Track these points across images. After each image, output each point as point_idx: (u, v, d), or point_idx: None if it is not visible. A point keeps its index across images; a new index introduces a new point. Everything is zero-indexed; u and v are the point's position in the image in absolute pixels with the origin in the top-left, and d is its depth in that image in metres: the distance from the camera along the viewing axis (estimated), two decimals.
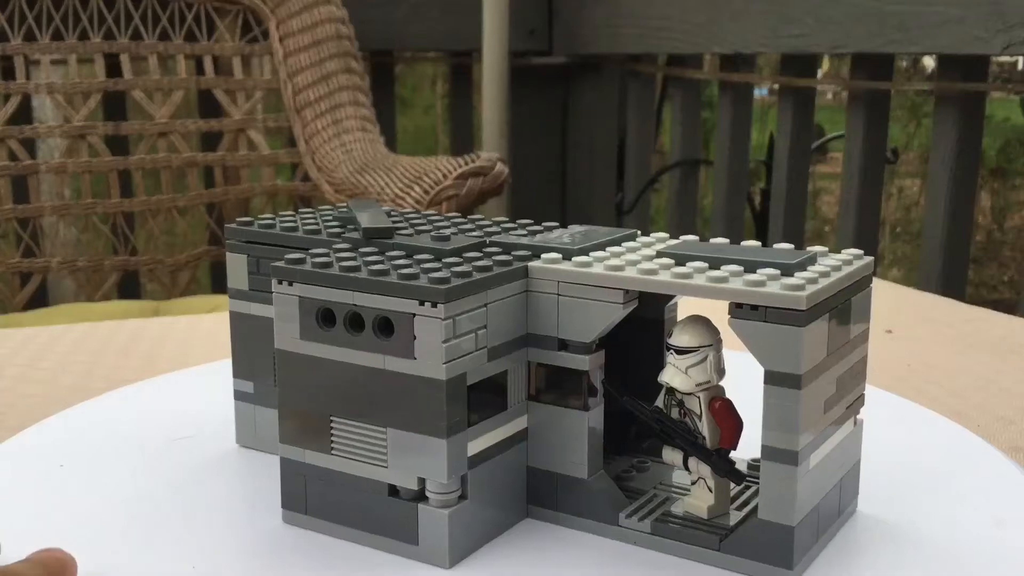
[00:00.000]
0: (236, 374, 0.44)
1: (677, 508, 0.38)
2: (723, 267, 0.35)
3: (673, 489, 0.40)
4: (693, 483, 0.37)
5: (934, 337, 0.68)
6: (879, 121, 1.35)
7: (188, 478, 0.42)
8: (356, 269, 0.35)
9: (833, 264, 0.36)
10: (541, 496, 0.37)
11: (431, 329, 0.34)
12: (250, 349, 0.43)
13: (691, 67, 1.65)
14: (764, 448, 0.34)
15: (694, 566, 0.35)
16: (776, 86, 1.55)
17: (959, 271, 1.26)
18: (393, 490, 0.36)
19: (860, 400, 0.38)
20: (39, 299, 1.34)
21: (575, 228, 0.43)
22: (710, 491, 0.37)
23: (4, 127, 1.27)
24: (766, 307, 0.33)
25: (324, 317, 0.35)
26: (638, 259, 0.37)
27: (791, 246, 0.39)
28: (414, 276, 0.34)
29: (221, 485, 0.42)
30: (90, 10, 1.31)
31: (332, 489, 0.36)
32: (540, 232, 0.42)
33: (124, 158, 1.32)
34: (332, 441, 0.36)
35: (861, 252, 0.38)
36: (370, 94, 1.42)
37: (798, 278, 0.34)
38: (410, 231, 0.41)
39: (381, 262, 0.36)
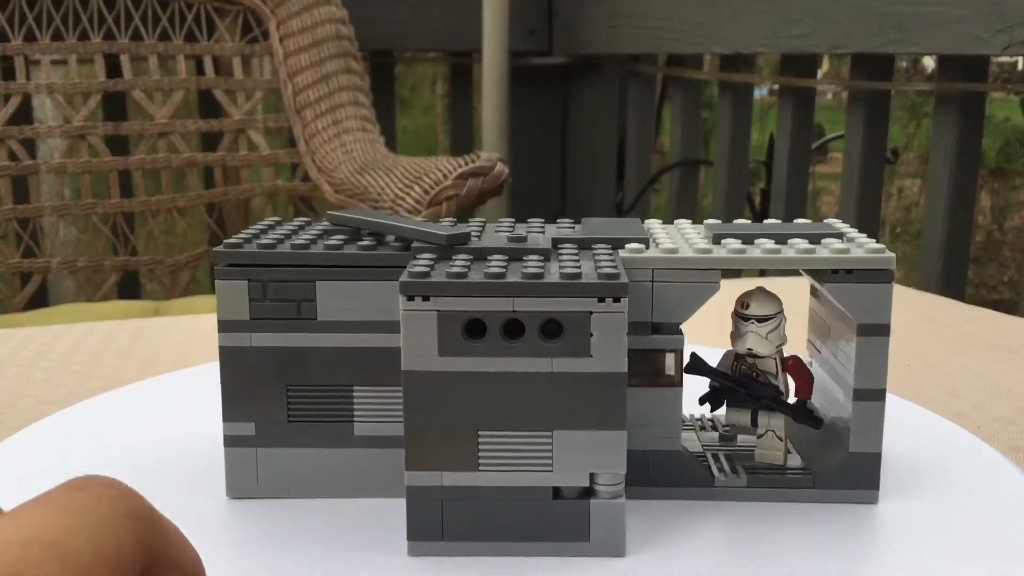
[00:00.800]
0: (229, 418, 0.39)
1: (750, 461, 0.41)
2: (791, 241, 0.39)
3: (723, 449, 0.43)
4: (760, 436, 0.41)
5: (934, 337, 0.68)
6: (879, 121, 1.35)
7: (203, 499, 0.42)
8: (504, 275, 0.34)
9: (858, 233, 0.41)
10: (635, 476, 0.38)
11: (612, 324, 0.34)
12: (251, 387, 0.39)
13: (691, 67, 1.65)
14: (857, 391, 0.39)
15: (793, 506, 0.39)
16: (776, 86, 1.55)
17: (959, 271, 1.26)
18: (556, 492, 0.35)
19: None
20: (39, 299, 1.34)
21: (590, 221, 0.43)
22: (780, 440, 0.41)
23: (4, 127, 1.27)
24: (861, 269, 0.38)
25: (471, 329, 0.34)
26: (705, 241, 0.40)
27: (808, 221, 0.43)
28: (578, 275, 0.34)
29: (231, 530, 0.39)
30: (90, 10, 1.31)
31: (479, 506, 0.35)
32: (565, 227, 0.42)
33: (124, 158, 1.32)
34: (480, 457, 0.35)
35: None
36: (370, 94, 1.42)
37: (865, 243, 0.39)
38: (476, 236, 0.40)
39: (506, 266, 0.35)
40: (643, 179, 1.78)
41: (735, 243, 0.39)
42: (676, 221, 0.43)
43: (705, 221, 0.43)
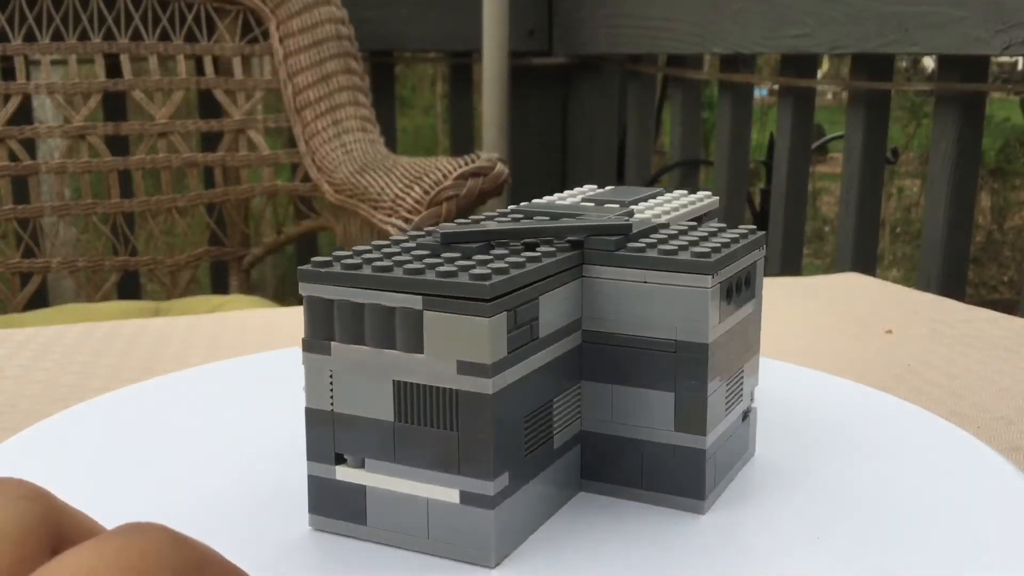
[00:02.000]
0: (497, 473, 0.33)
1: None
2: (653, 200, 0.44)
3: None
4: None
5: (934, 337, 0.68)
6: (879, 121, 1.35)
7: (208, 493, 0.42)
8: (728, 245, 0.38)
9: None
10: None
11: (761, 268, 0.41)
12: (506, 431, 0.34)
13: (691, 67, 1.65)
14: None
15: None
16: (776, 86, 1.55)
17: (959, 271, 1.26)
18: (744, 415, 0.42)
19: None
20: (39, 299, 1.34)
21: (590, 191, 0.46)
22: None
23: (4, 127, 1.27)
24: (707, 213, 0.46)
25: (729, 294, 0.38)
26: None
27: (592, 186, 0.48)
28: (745, 235, 0.40)
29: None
30: (90, 10, 1.31)
31: (725, 447, 0.40)
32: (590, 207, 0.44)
33: (124, 158, 1.32)
34: (726, 404, 0.39)
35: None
36: (370, 94, 1.42)
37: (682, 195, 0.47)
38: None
39: (695, 240, 0.39)
40: (643, 179, 1.78)
41: (652, 207, 0.44)
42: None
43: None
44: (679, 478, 0.37)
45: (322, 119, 1.35)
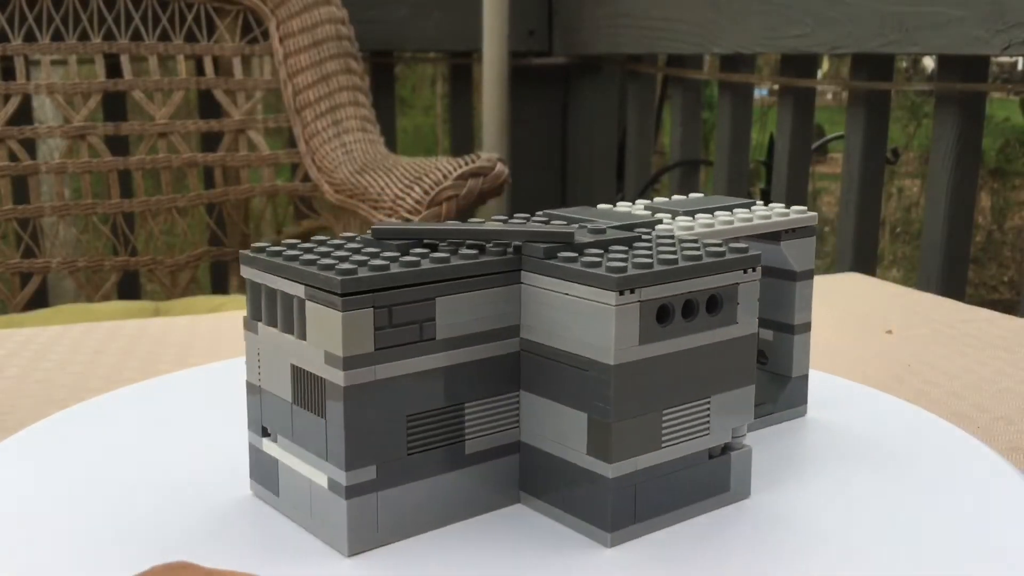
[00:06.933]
0: (352, 465, 0.34)
1: None
2: (735, 211, 0.45)
3: None
4: None
5: (934, 337, 0.68)
6: (879, 121, 1.35)
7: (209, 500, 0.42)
8: (676, 262, 0.36)
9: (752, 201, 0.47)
10: None
11: (750, 292, 0.37)
12: (375, 425, 0.35)
13: (691, 67, 1.65)
14: (797, 326, 0.47)
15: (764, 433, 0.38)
16: (776, 86, 1.55)
17: (959, 271, 1.26)
18: (710, 454, 0.38)
19: None
20: (39, 299, 1.34)
21: (588, 210, 0.45)
22: None
23: (4, 127, 1.27)
24: (802, 227, 0.46)
25: (660, 315, 0.35)
26: (688, 219, 0.44)
27: (701, 194, 0.49)
28: (722, 254, 0.37)
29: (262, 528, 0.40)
30: (90, 10, 1.31)
31: (660, 481, 0.36)
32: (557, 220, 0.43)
33: (124, 158, 1.32)
34: (663, 434, 0.36)
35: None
36: (370, 94, 1.42)
37: (783, 208, 0.46)
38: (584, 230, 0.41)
39: (652, 254, 0.37)
40: (643, 179, 1.78)
41: (707, 218, 0.43)
42: (600, 206, 0.46)
43: (632, 201, 0.47)
44: (589, 505, 0.36)
45: (322, 119, 1.35)
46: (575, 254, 0.36)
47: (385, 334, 0.34)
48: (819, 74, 1.59)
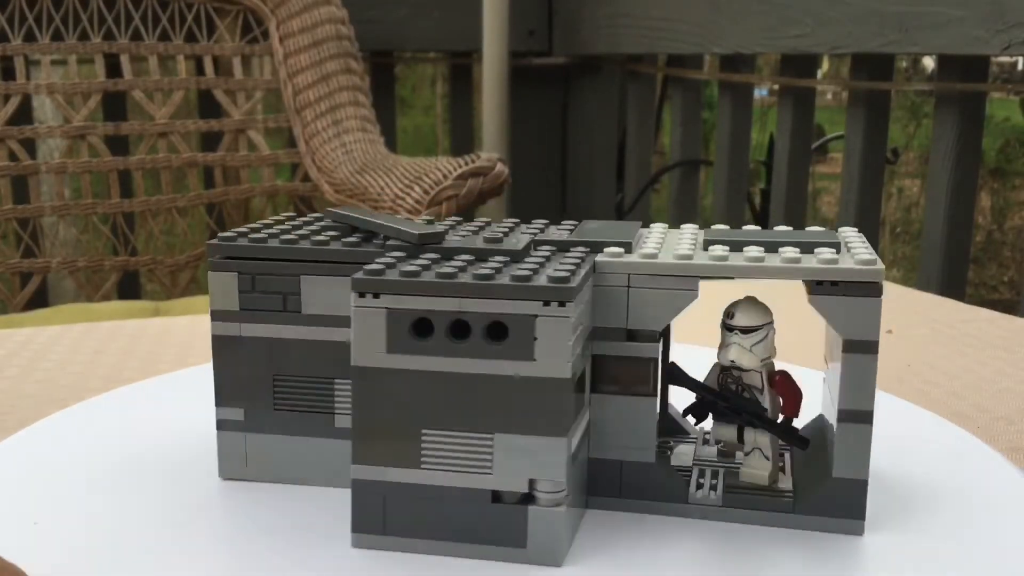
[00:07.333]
0: (220, 403, 0.41)
1: (734, 480, 0.39)
2: (781, 249, 0.38)
3: (713, 464, 0.41)
4: (747, 454, 0.39)
5: (934, 337, 0.68)
6: (879, 121, 1.35)
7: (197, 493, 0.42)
8: (454, 275, 0.34)
9: (864, 245, 0.39)
10: (602, 486, 0.38)
11: (556, 329, 0.33)
12: (240, 374, 0.40)
13: (691, 67, 1.65)
14: (841, 412, 0.37)
15: (770, 530, 0.37)
16: (776, 86, 1.55)
17: (959, 271, 1.26)
18: (495, 496, 0.35)
19: None
20: (39, 299, 1.34)
21: (587, 224, 0.42)
22: (767, 459, 0.39)
23: (4, 127, 1.27)
24: (847, 282, 0.36)
25: (418, 328, 0.34)
26: (692, 247, 0.38)
27: (821, 228, 0.41)
28: (527, 278, 0.34)
29: (231, 514, 0.40)
30: (90, 10, 1.31)
31: (420, 504, 0.35)
32: (564, 229, 0.42)
33: (124, 158, 1.32)
34: (423, 454, 0.35)
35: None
36: (370, 94, 1.42)
37: (858, 254, 0.37)
38: (455, 235, 0.40)
39: (465, 267, 0.35)
40: (643, 179, 1.78)
41: (720, 250, 0.38)
42: (682, 225, 0.42)
43: (713, 226, 0.42)
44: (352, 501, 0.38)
45: (322, 119, 1.35)
46: (391, 258, 0.36)
47: (249, 297, 0.40)
48: (819, 74, 1.59)
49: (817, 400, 0.43)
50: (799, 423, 0.40)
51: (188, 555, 0.36)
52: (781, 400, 0.39)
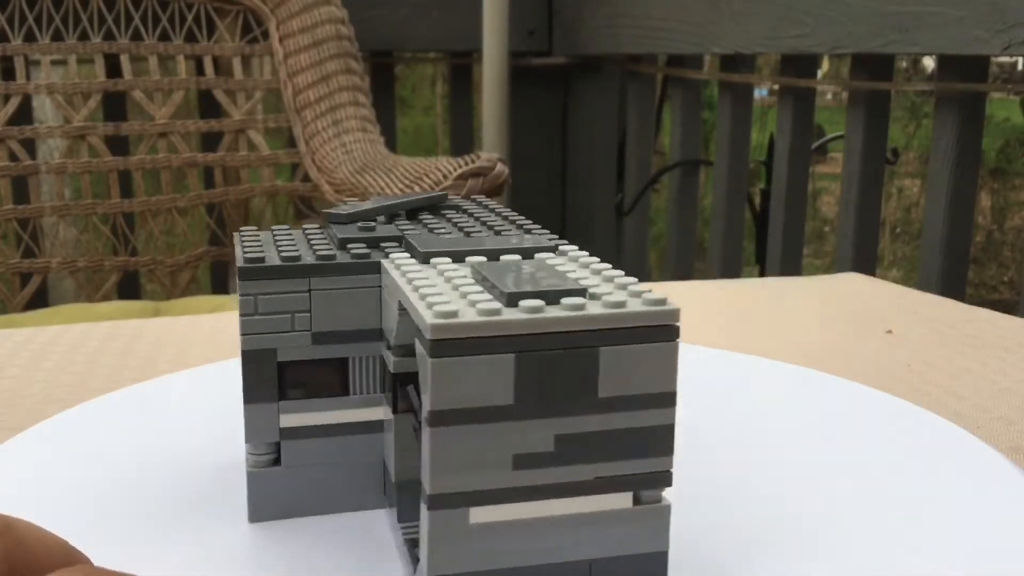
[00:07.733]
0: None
1: None
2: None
3: None
4: None
5: (934, 337, 0.68)
6: (879, 121, 1.35)
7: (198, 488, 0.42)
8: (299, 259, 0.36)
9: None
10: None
11: (244, 304, 0.36)
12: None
13: (691, 67, 1.65)
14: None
15: None
16: (776, 86, 1.55)
17: (959, 271, 1.26)
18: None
19: None
20: (39, 299, 1.34)
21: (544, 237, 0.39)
22: None
23: (4, 127, 1.27)
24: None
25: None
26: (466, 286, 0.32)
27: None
28: (332, 257, 0.36)
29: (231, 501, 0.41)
30: (90, 10, 1.31)
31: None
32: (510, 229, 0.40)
33: (124, 158, 1.32)
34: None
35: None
36: (370, 94, 1.42)
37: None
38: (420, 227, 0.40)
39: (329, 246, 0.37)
40: (643, 179, 1.78)
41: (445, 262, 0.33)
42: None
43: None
44: None
45: (322, 119, 1.35)
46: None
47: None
48: (819, 74, 1.59)
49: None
50: None
51: (195, 557, 0.36)
52: None
